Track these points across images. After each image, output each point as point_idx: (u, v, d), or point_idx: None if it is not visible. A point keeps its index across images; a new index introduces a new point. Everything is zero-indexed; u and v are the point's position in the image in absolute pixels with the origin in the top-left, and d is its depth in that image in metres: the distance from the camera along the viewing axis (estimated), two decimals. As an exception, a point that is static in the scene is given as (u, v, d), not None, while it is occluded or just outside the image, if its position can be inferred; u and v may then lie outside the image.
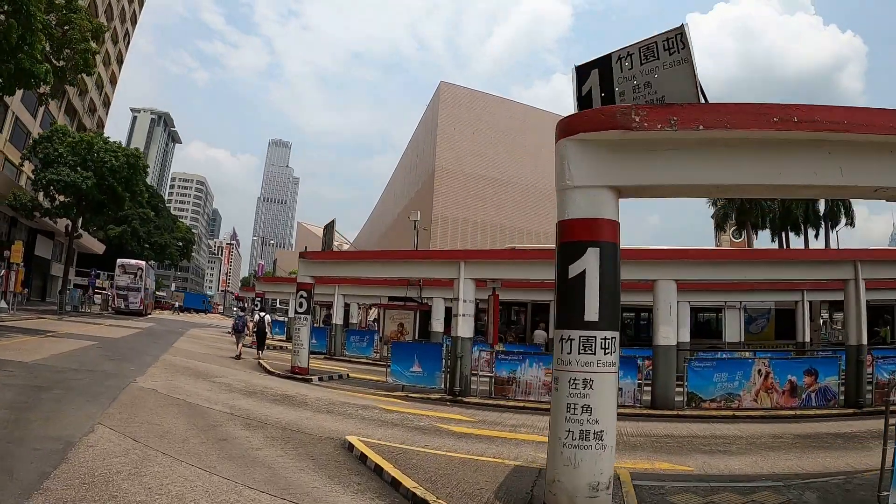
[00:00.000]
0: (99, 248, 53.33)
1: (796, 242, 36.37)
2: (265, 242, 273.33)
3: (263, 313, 21.28)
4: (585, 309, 4.83)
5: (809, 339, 19.10)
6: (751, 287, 19.03)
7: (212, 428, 7.89)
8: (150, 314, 46.67)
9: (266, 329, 20.10)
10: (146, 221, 59.91)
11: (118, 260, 43.77)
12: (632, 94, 5.48)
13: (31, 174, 36.17)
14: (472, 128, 57.95)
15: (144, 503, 4.69)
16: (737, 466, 7.24)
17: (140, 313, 41.54)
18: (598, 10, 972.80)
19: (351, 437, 7.58)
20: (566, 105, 5.81)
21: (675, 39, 5.30)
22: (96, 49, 25.88)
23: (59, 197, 34.23)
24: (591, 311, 4.81)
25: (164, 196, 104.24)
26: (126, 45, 58.80)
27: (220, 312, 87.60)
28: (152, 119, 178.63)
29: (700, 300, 19.72)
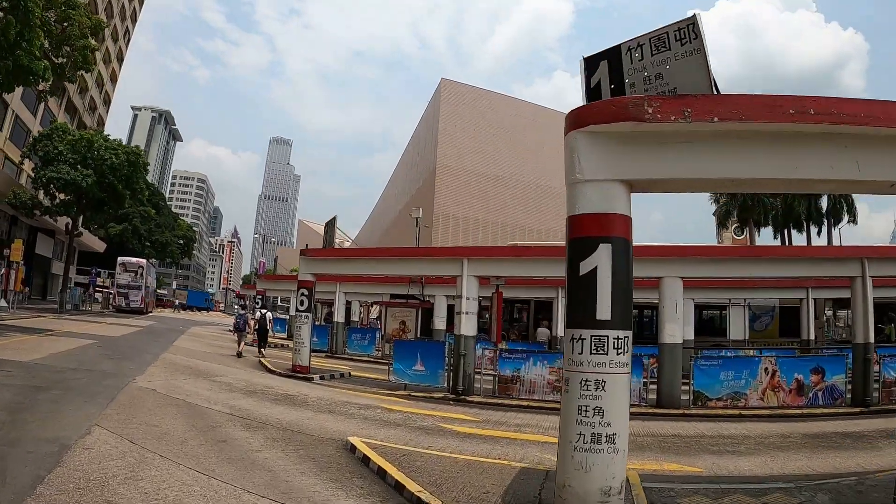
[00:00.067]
0: (100, 246, 53.21)
1: (798, 240, 36.09)
2: (266, 240, 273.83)
3: (265, 311, 21.19)
4: (597, 307, 4.63)
5: (814, 337, 18.99)
6: (755, 284, 18.91)
7: (211, 429, 7.75)
8: (151, 312, 46.58)
9: (267, 327, 20.03)
10: (147, 219, 59.66)
11: (119, 258, 43.61)
12: (643, 85, 5.30)
13: (32, 172, 36.03)
14: (474, 125, 57.80)
15: (141, 508, 4.55)
16: (746, 467, 7.12)
17: (141, 311, 41.44)
18: (599, 6, 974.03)
19: (353, 438, 7.44)
20: (567, 102, 5.70)
21: (688, 29, 5.13)
22: (96, 46, 25.76)
23: (60, 195, 34.17)
24: (604, 310, 4.62)
25: (164, 194, 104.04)
26: (126, 43, 58.64)
27: (221, 310, 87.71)
28: (153, 117, 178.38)
29: (704, 297, 19.59)
